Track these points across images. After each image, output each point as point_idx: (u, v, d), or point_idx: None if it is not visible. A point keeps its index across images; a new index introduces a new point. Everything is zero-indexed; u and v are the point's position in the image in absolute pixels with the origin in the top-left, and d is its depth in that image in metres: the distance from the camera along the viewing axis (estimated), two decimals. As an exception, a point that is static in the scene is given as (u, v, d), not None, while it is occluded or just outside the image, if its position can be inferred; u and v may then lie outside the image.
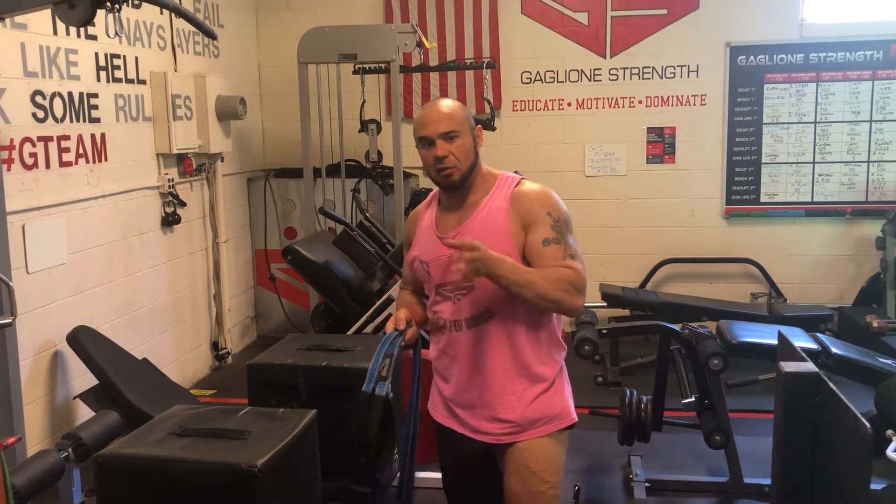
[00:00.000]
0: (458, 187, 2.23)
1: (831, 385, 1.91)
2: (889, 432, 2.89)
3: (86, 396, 3.88)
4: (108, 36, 4.17)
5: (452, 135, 2.19)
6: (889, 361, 4.00)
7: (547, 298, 2.09)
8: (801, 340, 3.92)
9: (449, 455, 2.44)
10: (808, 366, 2.04)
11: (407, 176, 6.02)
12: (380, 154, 5.75)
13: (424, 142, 2.21)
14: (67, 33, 4.00)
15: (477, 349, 2.23)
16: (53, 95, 3.91)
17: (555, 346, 2.30)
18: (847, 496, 1.79)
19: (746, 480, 3.70)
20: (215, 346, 5.68)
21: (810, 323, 5.13)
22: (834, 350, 3.88)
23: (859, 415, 1.72)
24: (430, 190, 6.71)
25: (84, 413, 3.96)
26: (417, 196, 6.11)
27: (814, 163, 6.06)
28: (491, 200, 2.23)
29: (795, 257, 6.13)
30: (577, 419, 2.33)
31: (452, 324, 2.26)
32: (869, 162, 5.99)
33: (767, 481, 3.21)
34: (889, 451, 3.08)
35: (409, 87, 6.27)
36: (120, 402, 3.74)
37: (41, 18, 3.78)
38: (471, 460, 2.34)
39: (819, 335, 4.11)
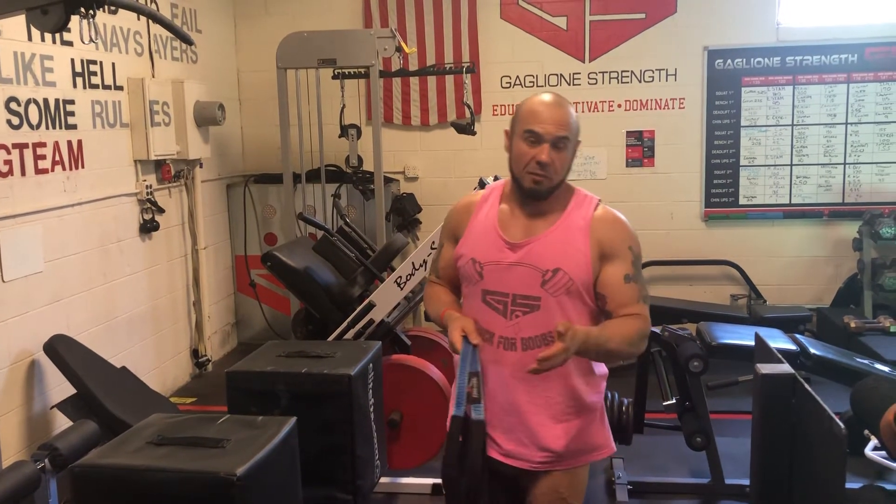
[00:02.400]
0: (540, 198, 2.08)
1: (806, 386, 1.93)
2: (867, 432, 2.93)
3: (63, 406, 3.83)
4: (83, 42, 4.15)
5: (562, 144, 2.03)
6: (866, 361, 4.04)
7: (622, 356, 2.06)
8: (779, 342, 3.96)
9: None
10: (785, 367, 2.05)
11: (388, 181, 6.01)
12: (360, 159, 5.74)
13: (531, 136, 2.02)
14: (42, 39, 3.97)
15: (528, 374, 2.03)
16: (29, 102, 3.88)
17: (601, 373, 2.20)
18: (823, 495, 1.80)
19: (728, 481, 3.72)
20: (195, 353, 5.64)
21: (789, 324, 5.17)
22: (812, 351, 3.91)
23: (833, 415, 1.74)
24: (411, 194, 6.67)
25: (62, 423, 3.92)
26: (398, 201, 6.11)
27: (791, 165, 6.11)
28: (569, 217, 2.09)
29: (774, 259, 6.18)
30: (615, 449, 2.25)
31: (503, 340, 2.09)
32: (845, 164, 6.05)
33: (748, 482, 3.23)
34: (867, 451, 3.11)
35: (389, 92, 6.27)
36: (98, 411, 3.70)
37: (15, 24, 3.74)
38: (491, 484, 2.11)
39: (798, 336, 4.14)
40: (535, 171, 2.02)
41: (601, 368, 2.20)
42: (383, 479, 3.54)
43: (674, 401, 3.87)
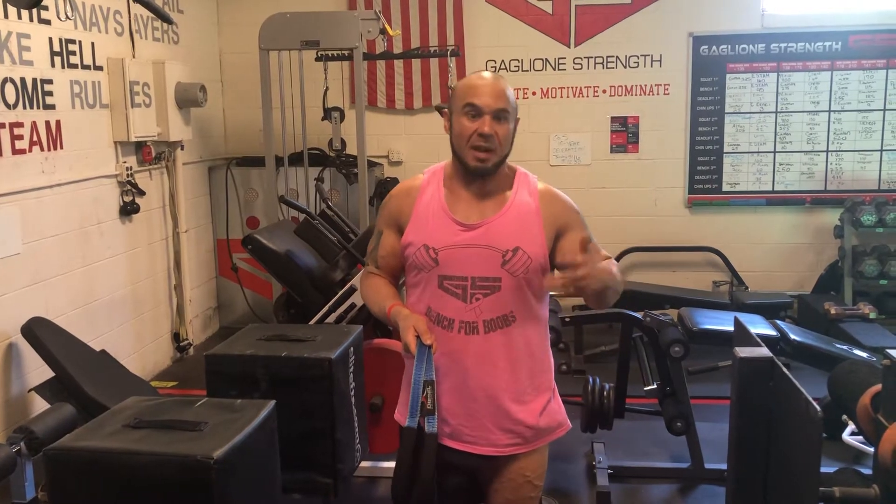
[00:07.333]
0: (486, 175, 2.03)
1: (784, 370, 1.93)
2: (844, 417, 2.95)
3: (41, 389, 3.79)
4: (60, 19, 4.09)
5: (503, 115, 2.00)
6: (845, 347, 4.07)
7: (617, 292, 1.97)
8: (760, 327, 3.97)
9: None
10: (763, 351, 2.06)
11: (371, 165, 5.98)
12: (343, 142, 5.70)
13: (471, 110, 1.99)
14: (19, 17, 3.88)
15: (492, 356, 2.03)
16: (5, 81, 3.81)
17: (549, 350, 2.19)
18: (799, 478, 1.81)
19: (707, 466, 3.75)
20: (176, 337, 5.60)
21: (771, 310, 5.20)
22: (792, 337, 3.94)
23: (810, 398, 1.74)
24: (395, 179, 6.64)
25: (40, 407, 3.88)
26: (382, 185, 6.08)
27: (774, 152, 6.14)
28: (517, 195, 2.07)
29: (756, 246, 6.21)
30: (571, 425, 2.23)
31: (464, 325, 2.03)
32: (828, 151, 6.08)
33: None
34: (845, 436, 3.14)
35: (373, 75, 6.23)
36: (77, 394, 3.67)
37: (-9, 2, 3.68)
38: (452, 474, 2.09)
39: (778, 322, 4.16)
40: (479, 145, 1.99)
41: (548, 345, 2.19)
42: (364, 463, 3.53)
43: (655, 386, 3.89)
